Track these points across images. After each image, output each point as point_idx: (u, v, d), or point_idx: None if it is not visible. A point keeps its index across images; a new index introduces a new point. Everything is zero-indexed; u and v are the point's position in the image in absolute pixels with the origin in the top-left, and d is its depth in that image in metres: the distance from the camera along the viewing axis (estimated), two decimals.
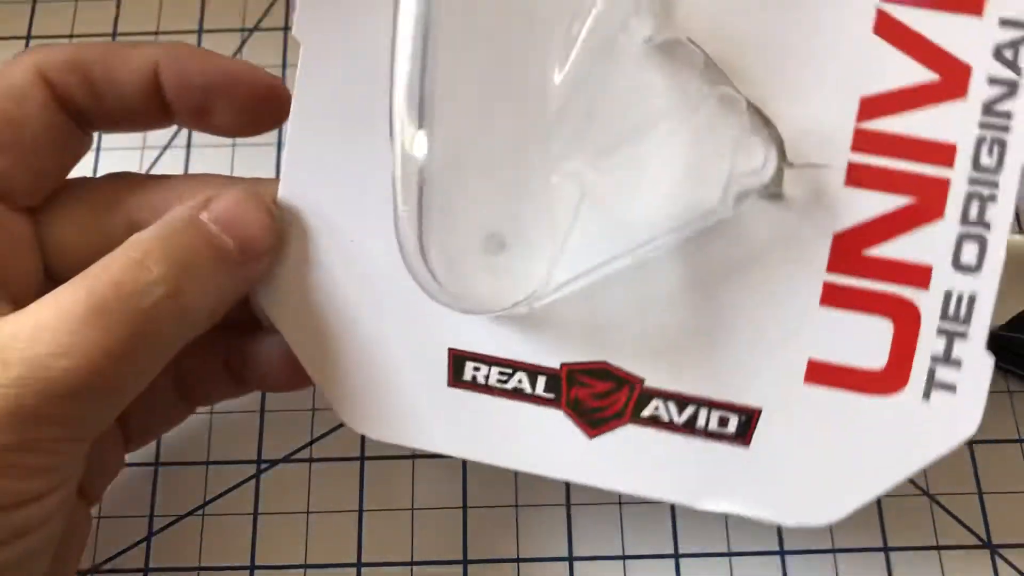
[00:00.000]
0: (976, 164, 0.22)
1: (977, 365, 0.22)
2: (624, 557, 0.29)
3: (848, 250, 0.23)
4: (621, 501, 0.30)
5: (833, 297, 0.23)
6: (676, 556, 0.29)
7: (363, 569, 0.29)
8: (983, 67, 0.22)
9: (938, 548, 0.29)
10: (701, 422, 0.23)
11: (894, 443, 0.23)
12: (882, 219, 0.23)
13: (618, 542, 0.29)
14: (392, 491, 0.30)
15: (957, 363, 0.22)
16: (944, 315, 0.22)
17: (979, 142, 0.22)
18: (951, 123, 0.22)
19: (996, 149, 0.22)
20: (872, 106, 0.23)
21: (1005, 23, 0.22)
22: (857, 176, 0.22)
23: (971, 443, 0.30)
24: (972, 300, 0.22)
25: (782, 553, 0.29)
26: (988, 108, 0.22)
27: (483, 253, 0.23)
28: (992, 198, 0.22)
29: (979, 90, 0.22)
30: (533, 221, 0.22)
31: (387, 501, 0.30)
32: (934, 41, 0.22)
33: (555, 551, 0.29)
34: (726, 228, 0.23)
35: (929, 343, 0.22)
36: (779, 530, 0.29)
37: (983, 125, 0.22)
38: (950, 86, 0.22)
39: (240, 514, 0.30)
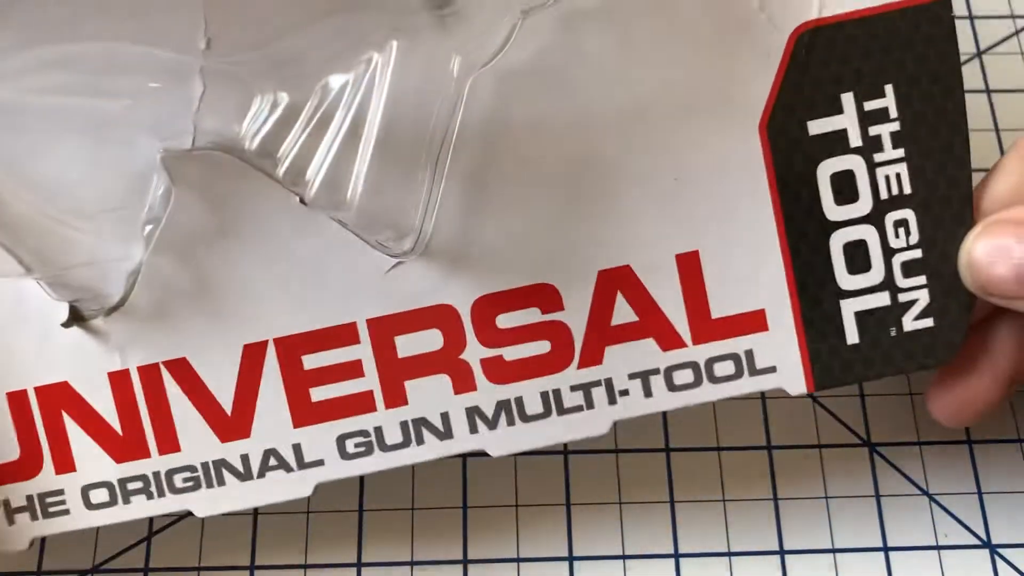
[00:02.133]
0: None
1: None
2: (624, 557, 0.29)
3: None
4: (621, 501, 0.30)
5: None
6: (676, 556, 0.29)
7: (363, 569, 0.29)
8: None
9: (938, 548, 0.29)
10: None
11: None
12: None
13: (618, 542, 0.29)
14: (392, 491, 0.30)
15: None
16: None
17: None
18: None
19: None
20: None
21: None
22: None
23: (971, 443, 0.30)
24: None
25: (782, 553, 0.29)
26: None
27: None
28: None
29: None
30: None
31: (387, 501, 0.30)
32: None
33: (555, 551, 0.29)
34: None
35: None
36: (779, 530, 0.29)
37: None
38: None
39: (240, 514, 0.29)
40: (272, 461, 0.25)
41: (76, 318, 0.24)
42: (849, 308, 0.24)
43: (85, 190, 0.23)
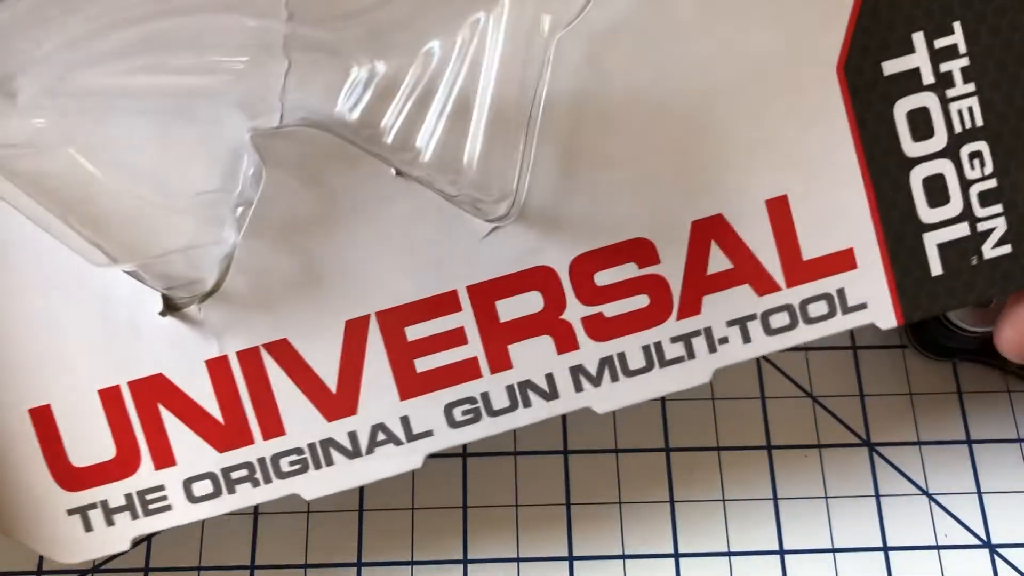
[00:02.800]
0: None
1: None
2: (624, 557, 0.29)
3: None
4: (621, 501, 0.30)
5: None
6: (676, 556, 0.29)
7: (363, 569, 0.29)
8: None
9: (938, 548, 0.29)
10: None
11: None
12: None
13: (618, 542, 0.29)
14: (392, 491, 0.30)
15: None
16: None
17: None
18: None
19: None
20: None
21: None
22: None
23: (971, 443, 0.30)
24: None
25: (782, 553, 0.29)
26: None
27: None
28: None
29: None
30: None
31: (387, 501, 0.30)
32: None
33: (555, 551, 0.29)
34: None
35: None
36: (779, 530, 0.29)
37: None
38: None
39: (241, 514, 0.29)
40: (380, 436, 0.24)
41: (170, 307, 0.23)
42: (932, 240, 0.25)
43: (174, 174, 0.23)
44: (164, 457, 0.24)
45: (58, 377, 0.24)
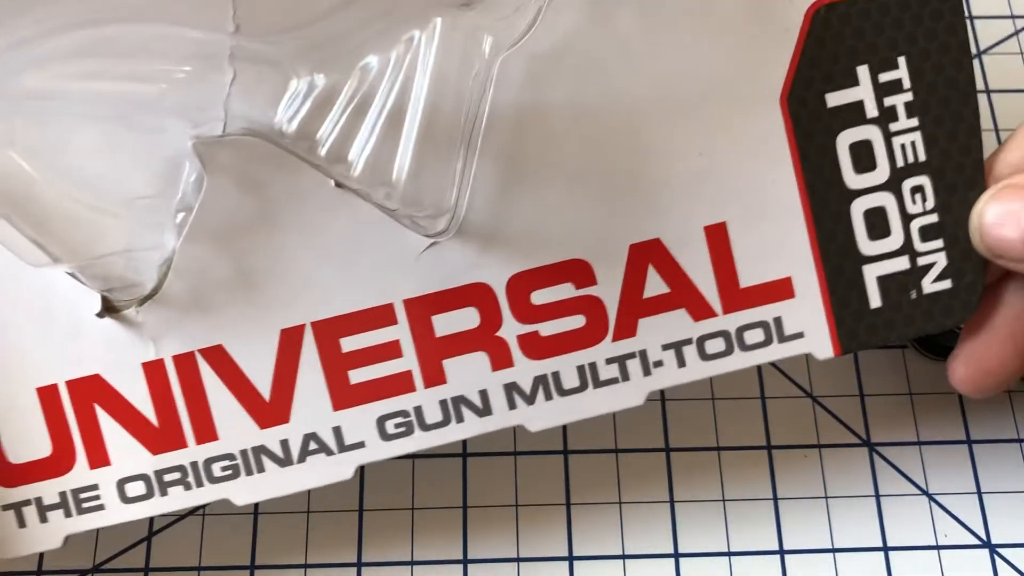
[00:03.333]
0: None
1: None
2: (624, 557, 0.29)
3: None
4: (621, 501, 0.30)
5: None
6: (676, 556, 0.29)
7: (363, 569, 0.29)
8: None
9: (938, 548, 0.29)
10: None
11: None
12: None
13: (618, 542, 0.29)
14: (392, 491, 0.30)
15: None
16: None
17: None
18: None
19: None
20: None
21: None
22: None
23: (971, 443, 0.30)
24: None
25: (782, 553, 0.29)
26: None
27: None
28: None
29: None
30: None
31: (387, 501, 0.30)
32: None
33: (555, 551, 0.29)
34: None
35: None
36: (779, 530, 0.29)
37: None
38: None
39: (240, 514, 0.29)
40: (312, 445, 0.25)
41: (109, 309, 0.24)
42: (871, 273, 0.25)
43: (116, 178, 0.23)
44: (99, 457, 0.24)
45: None
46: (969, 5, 0.37)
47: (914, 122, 0.24)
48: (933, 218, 0.25)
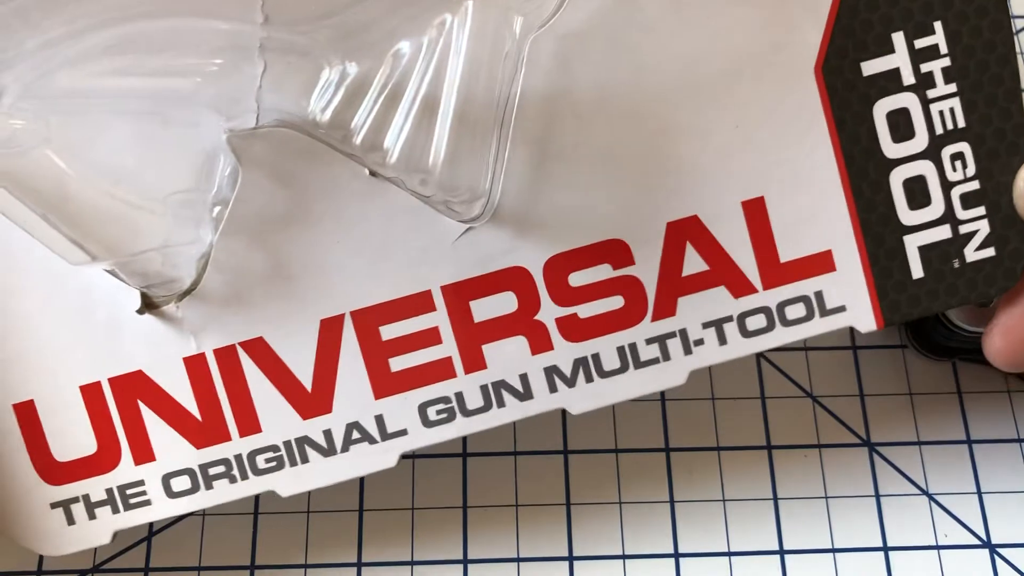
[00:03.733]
0: None
1: None
2: (624, 557, 0.29)
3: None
4: (621, 501, 0.30)
5: None
6: (676, 556, 0.29)
7: (363, 569, 0.29)
8: None
9: (938, 548, 0.29)
10: None
11: None
12: None
13: (618, 542, 0.29)
14: (392, 491, 0.30)
15: None
16: None
17: None
18: None
19: None
20: None
21: None
22: None
23: (971, 443, 0.30)
24: None
25: (782, 553, 0.29)
26: None
27: None
28: None
29: None
30: None
31: (387, 501, 0.30)
32: None
33: (555, 551, 0.29)
34: None
35: None
36: (779, 530, 0.29)
37: None
38: None
39: (240, 514, 0.29)
40: (355, 434, 0.25)
41: (149, 305, 0.24)
42: (912, 243, 0.25)
43: (151, 174, 0.23)
44: (144, 452, 0.25)
45: (40, 374, 0.24)
46: None
47: (952, 88, 0.24)
48: (974, 185, 0.24)
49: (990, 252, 0.25)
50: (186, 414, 0.24)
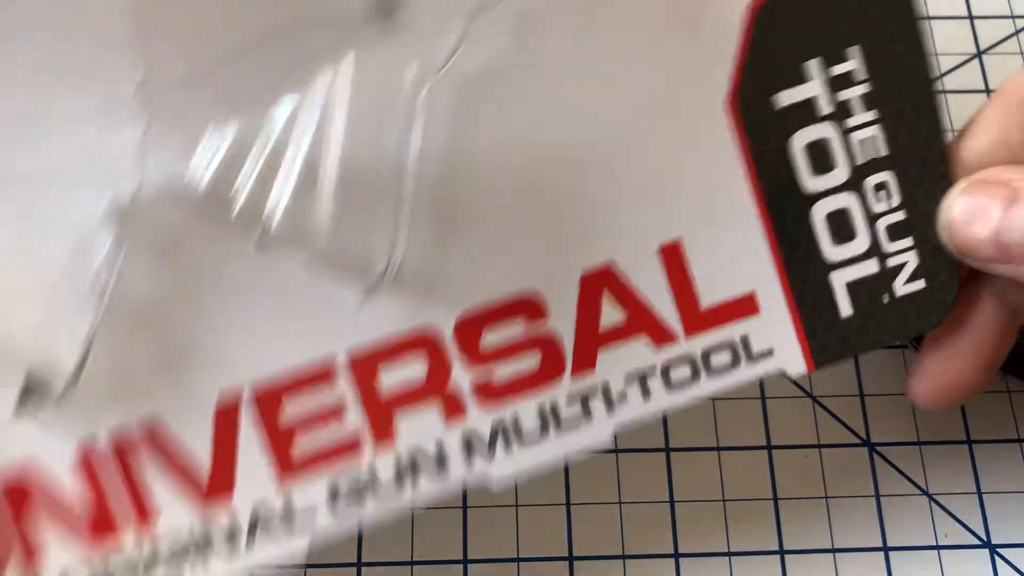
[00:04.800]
0: None
1: None
2: (624, 557, 0.29)
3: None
4: (621, 501, 0.30)
5: None
6: (676, 556, 0.29)
7: (363, 569, 0.29)
8: None
9: (938, 548, 0.29)
10: None
11: None
12: None
13: (618, 542, 0.29)
14: None
15: None
16: None
17: None
18: None
19: None
20: None
21: None
22: None
23: (971, 443, 0.30)
24: None
25: (782, 553, 0.29)
26: None
27: None
28: None
29: None
30: None
31: None
32: None
33: (555, 551, 0.29)
34: None
35: None
36: (779, 530, 0.29)
37: None
38: None
39: None
40: (260, 518, 0.23)
41: (28, 401, 0.22)
42: (839, 279, 0.24)
43: (23, 254, 0.22)
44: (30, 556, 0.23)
45: None
46: (969, 5, 0.37)
47: (872, 115, 0.23)
48: (900, 215, 0.23)
49: (920, 284, 0.24)
50: (75, 515, 0.23)
